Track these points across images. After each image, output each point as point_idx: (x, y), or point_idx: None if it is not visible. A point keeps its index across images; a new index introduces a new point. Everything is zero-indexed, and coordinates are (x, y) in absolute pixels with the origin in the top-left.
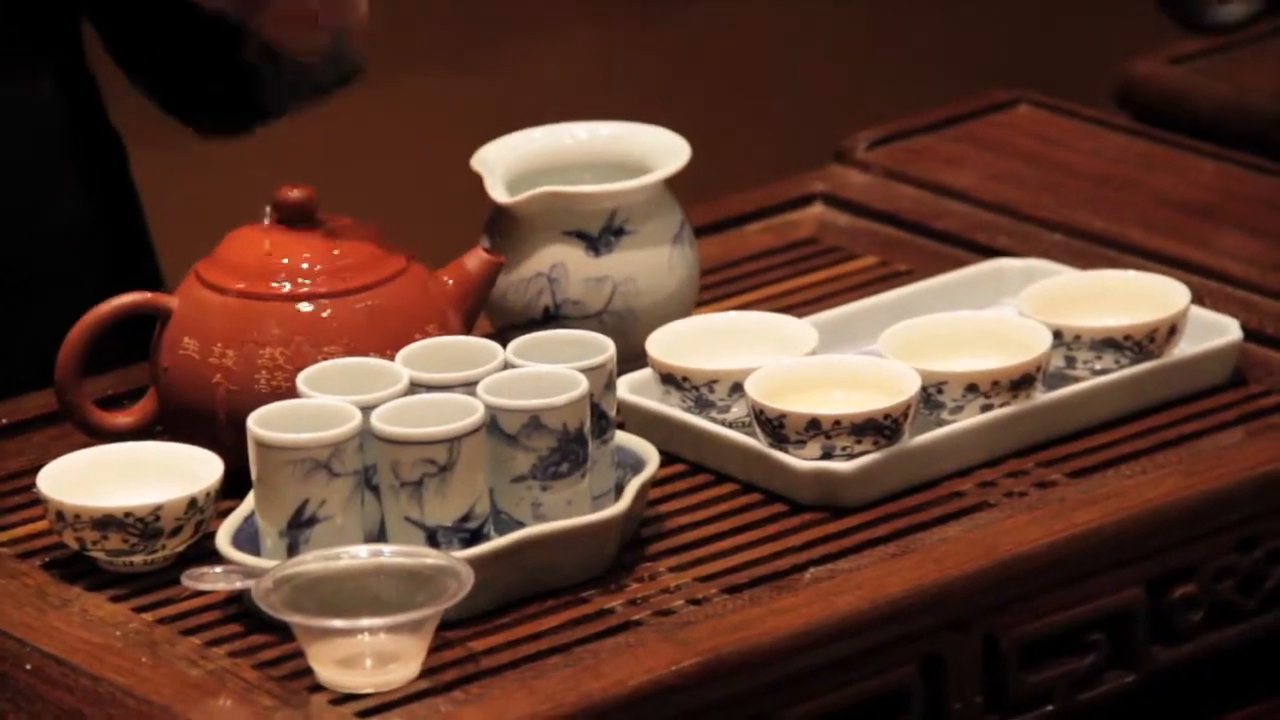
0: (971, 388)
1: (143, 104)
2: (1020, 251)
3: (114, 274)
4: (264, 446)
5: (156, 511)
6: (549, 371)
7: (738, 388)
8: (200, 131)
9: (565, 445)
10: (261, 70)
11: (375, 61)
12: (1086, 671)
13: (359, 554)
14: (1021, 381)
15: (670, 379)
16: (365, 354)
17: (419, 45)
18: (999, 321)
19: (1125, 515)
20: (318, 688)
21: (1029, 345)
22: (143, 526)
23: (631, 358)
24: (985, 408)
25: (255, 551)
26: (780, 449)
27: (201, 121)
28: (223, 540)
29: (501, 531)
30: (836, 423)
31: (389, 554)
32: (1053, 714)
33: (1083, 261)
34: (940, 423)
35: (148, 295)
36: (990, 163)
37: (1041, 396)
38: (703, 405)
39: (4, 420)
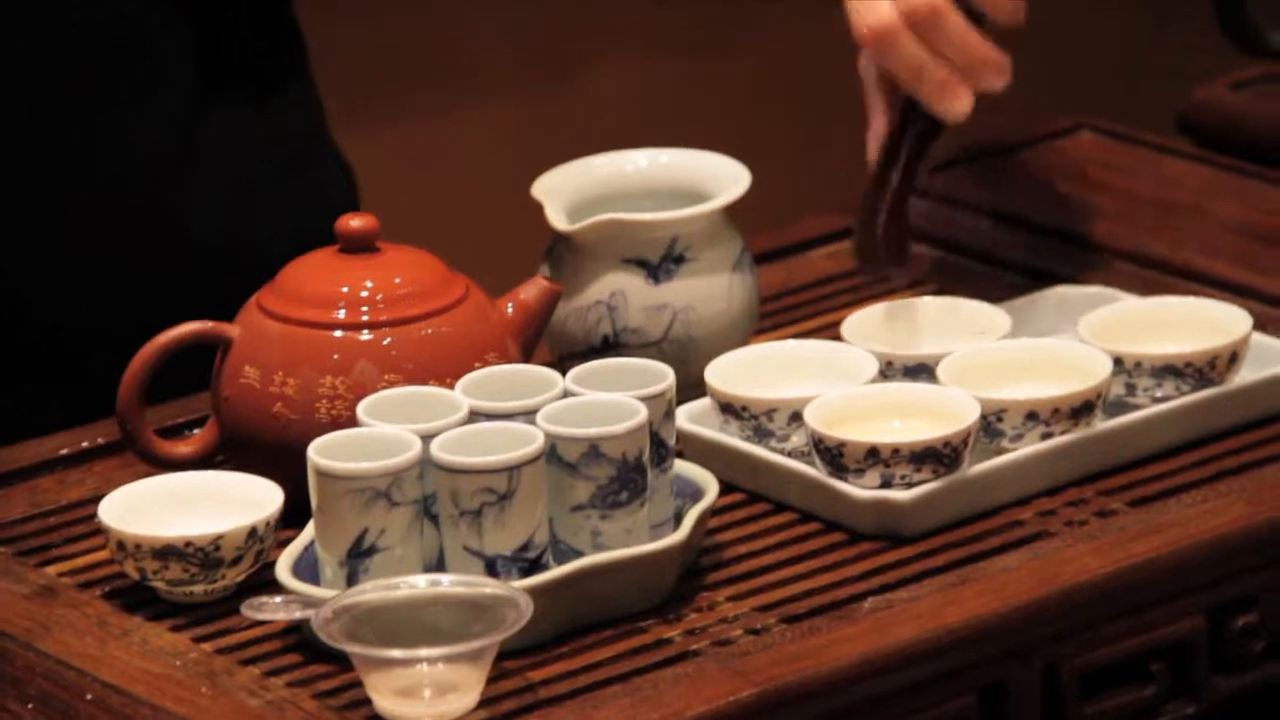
0: (1031, 415)
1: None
2: (1081, 278)
3: None
4: (324, 475)
5: (217, 541)
6: (608, 400)
7: (796, 416)
8: None
9: (624, 474)
10: None
11: (438, 90)
12: (1147, 702)
13: (418, 584)
14: (1082, 409)
15: (729, 408)
16: (425, 383)
17: (481, 74)
18: (1058, 348)
19: (1186, 544)
20: (376, 718)
21: (1089, 372)
22: (203, 556)
23: (690, 386)
24: (1045, 436)
25: (315, 581)
26: (839, 478)
27: None
28: (282, 570)
29: (560, 561)
30: (895, 451)
31: (448, 583)
32: None
33: (1144, 288)
34: (1000, 451)
35: (209, 324)
36: (1051, 189)
37: (1102, 424)
38: (761, 434)
39: (66, 450)
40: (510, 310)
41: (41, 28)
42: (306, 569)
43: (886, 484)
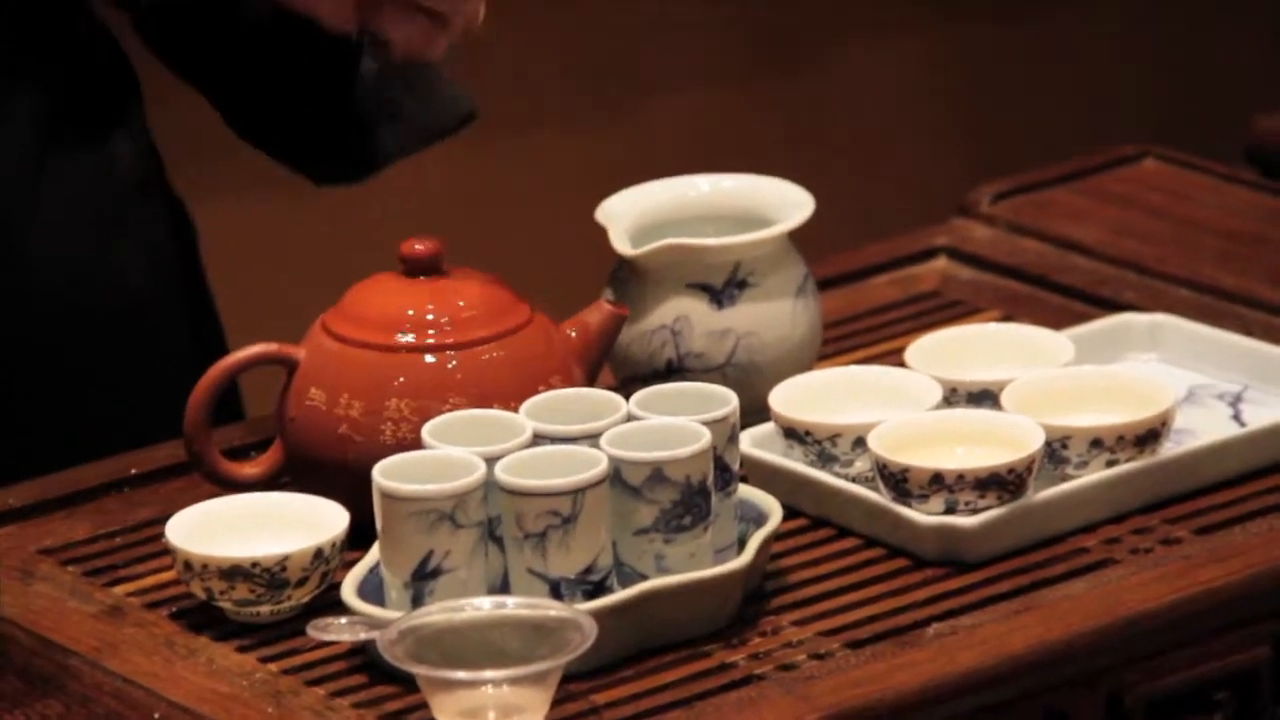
0: (1096, 443)
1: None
2: (1146, 307)
3: (176, 341)
4: (389, 497)
5: (283, 562)
6: (672, 424)
7: (860, 442)
8: (315, 179)
9: (688, 498)
10: (376, 113)
11: (502, 115)
12: None
13: (482, 606)
14: (1147, 437)
15: (793, 433)
16: (489, 405)
17: (545, 100)
18: (1123, 376)
19: (1252, 573)
20: None
21: (1154, 400)
22: (269, 577)
23: (754, 411)
24: (1110, 463)
25: (380, 603)
26: (903, 504)
27: (315, 169)
28: (348, 591)
29: (624, 584)
30: (960, 477)
31: (512, 606)
32: None
33: (1210, 318)
34: (1064, 478)
35: (274, 346)
36: (1116, 217)
37: (1167, 452)
38: (825, 459)
39: (133, 470)
40: (574, 334)
41: None
42: (372, 590)
43: (950, 510)
